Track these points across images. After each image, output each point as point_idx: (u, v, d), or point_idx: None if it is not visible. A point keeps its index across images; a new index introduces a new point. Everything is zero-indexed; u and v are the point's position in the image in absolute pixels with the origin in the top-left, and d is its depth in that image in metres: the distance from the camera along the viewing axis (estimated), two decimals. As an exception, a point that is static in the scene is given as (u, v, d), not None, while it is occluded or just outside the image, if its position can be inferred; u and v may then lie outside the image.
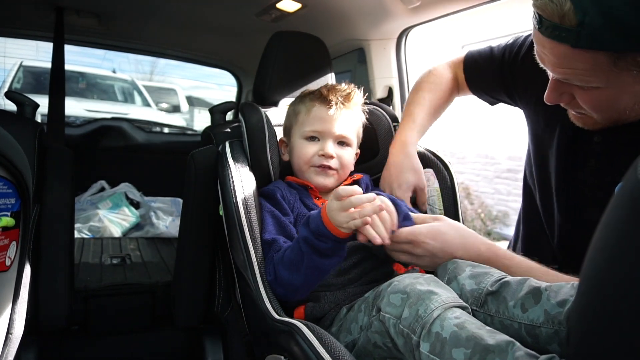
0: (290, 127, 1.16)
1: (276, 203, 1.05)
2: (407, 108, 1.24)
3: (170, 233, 2.26)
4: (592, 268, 0.39)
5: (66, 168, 1.37)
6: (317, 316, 0.93)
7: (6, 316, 0.64)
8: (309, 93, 1.15)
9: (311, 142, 1.10)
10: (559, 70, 0.76)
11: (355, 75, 2.00)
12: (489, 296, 0.79)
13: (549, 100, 0.83)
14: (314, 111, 1.10)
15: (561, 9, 0.68)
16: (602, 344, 0.35)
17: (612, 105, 0.78)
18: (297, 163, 1.12)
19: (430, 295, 0.71)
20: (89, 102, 4.24)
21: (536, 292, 0.74)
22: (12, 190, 0.59)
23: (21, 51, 4.17)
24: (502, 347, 0.63)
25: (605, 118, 0.83)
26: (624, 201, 0.36)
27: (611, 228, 0.38)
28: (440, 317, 0.68)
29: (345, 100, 1.10)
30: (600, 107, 0.80)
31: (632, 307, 0.32)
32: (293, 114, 1.16)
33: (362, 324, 0.82)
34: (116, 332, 1.54)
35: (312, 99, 1.12)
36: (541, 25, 0.73)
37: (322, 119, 1.09)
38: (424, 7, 1.43)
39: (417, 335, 0.69)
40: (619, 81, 0.73)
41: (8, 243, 0.59)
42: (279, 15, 1.74)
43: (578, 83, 0.77)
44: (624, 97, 0.76)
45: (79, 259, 1.79)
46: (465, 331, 0.66)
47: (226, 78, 2.81)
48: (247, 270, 0.96)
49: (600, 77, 0.73)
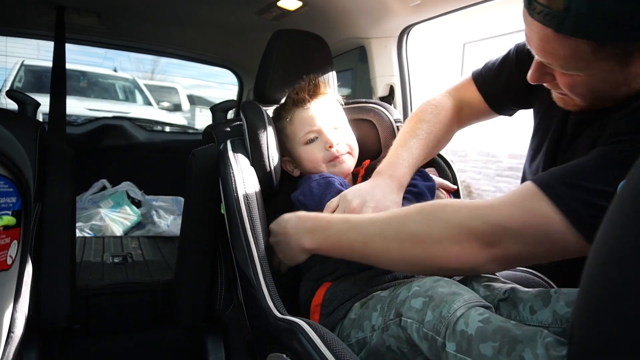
0: (285, 144, 1.17)
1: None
2: (402, 137, 1.11)
3: (171, 232, 2.26)
4: (595, 266, 0.38)
5: (67, 167, 1.37)
6: (334, 305, 0.94)
7: (7, 315, 0.64)
8: (282, 106, 1.18)
9: (312, 143, 1.12)
10: (542, 53, 0.78)
11: (357, 74, 2.00)
12: (501, 302, 0.80)
13: (532, 80, 0.85)
14: (296, 117, 1.13)
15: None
16: (605, 342, 0.35)
17: (588, 91, 0.81)
18: (312, 167, 1.13)
19: (454, 297, 0.70)
20: (90, 101, 4.24)
21: (545, 296, 0.75)
22: (13, 189, 0.59)
23: (22, 50, 4.18)
24: (530, 336, 0.62)
25: (583, 101, 0.85)
26: (627, 199, 0.36)
27: (614, 226, 0.37)
28: (464, 315, 0.67)
29: (314, 91, 1.13)
30: (577, 91, 0.82)
31: (636, 306, 0.32)
32: (280, 133, 1.17)
33: (375, 323, 0.82)
34: (117, 331, 1.55)
35: (288, 109, 1.15)
36: (530, 6, 0.73)
37: (307, 118, 1.11)
38: (425, 5, 1.43)
39: (441, 337, 0.67)
40: (597, 70, 0.74)
41: (9, 242, 0.59)
42: (280, 14, 1.74)
43: (558, 68, 0.79)
44: (599, 84, 0.78)
45: (80, 258, 1.79)
46: (490, 325, 0.64)
47: (227, 77, 2.81)
48: (249, 269, 0.95)
49: (579, 64, 0.74)
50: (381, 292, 0.87)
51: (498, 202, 0.76)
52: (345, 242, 0.88)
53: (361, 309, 0.88)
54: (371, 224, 0.85)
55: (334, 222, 0.90)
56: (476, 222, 0.75)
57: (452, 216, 0.77)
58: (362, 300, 0.90)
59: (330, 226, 0.90)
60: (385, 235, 0.82)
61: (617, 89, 0.78)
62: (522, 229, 0.72)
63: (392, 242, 0.81)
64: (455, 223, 0.76)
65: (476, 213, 0.75)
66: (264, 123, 1.14)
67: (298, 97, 1.12)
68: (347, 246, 0.88)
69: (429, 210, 0.80)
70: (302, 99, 1.12)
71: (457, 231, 0.76)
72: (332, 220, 0.91)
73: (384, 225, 0.83)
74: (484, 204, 0.76)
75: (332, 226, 0.90)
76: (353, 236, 0.86)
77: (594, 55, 0.71)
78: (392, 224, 0.82)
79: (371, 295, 0.90)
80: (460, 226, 0.76)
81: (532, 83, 0.86)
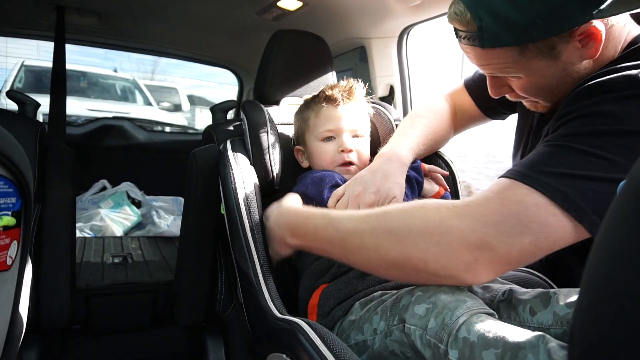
0: (303, 134, 1.17)
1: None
2: (401, 128, 1.14)
3: (171, 232, 2.27)
4: (596, 267, 0.38)
5: (67, 167, 1.37)
6: (331, 305, 0.93)
7: (8, 315, 0.64)
8: (313, 97, 1.18)
9: (328, 142, 1.13)
10: (483, 67, 0.85)
11: (357, 74, 2.00)
12: (500, 303, 0.80)
13: (494, 95, 0.91)
14: (323, 112, 1.13)
15: (464, 18, 0.77)
16: (606, 343, 0.35)
17: (539, 89, 0.85)
18: (320, 165, 1.14)
19: (457, 304, 0.69)
20: (91, 101, 4.24)
21: (545, 297, 0.74)
22: (12, 189, 0.59)
23: (22, 51, 4.18)
24: (532, 342, 0.61)
25: (545, 100, 0.89)
26: (628, 199, 0.36)
27: (614, 226, 0.37)
28: (467, 322, 0.66)
29: (349, 94, 1.14)
30: (531, 92, 0.87)
31: (637, 309, 0.32)
32: (302, 121, 1.17)
33: (376, 327, 0.81)
34: (118, 331, 1.55)
35: (318, 102, 1.15)
36: (457, 35, 0.82)
37: (333, 117, 1.11)
38: (424, 5, 1.43)
39: (444, 344, 0.67)
40: (533, 68, 0.80)
41: (9, 242, 0.59)
42: (280, 14, 1.74)
43: (501, 75, 0.85)
44: (544, 81, 0.82)
45: (80, 258, 1.80)
46: (492, 332, 0.64)
47: (227, 77, 2.81)
48: (249, 269, 0.96)
49: (517, 67, 0.80)
50: (383, 295, 0.86)
51: (474, 199, 0.72)
52: (323, 237, 0.84)
53: (362, 310, 0.88)
54: (350, 220, 0.81)
55: (313, 217, 0.87)
56: (456, 220, 0.70)
57: (432, 214, 0.72)
58: (363, 301, 0.90)
59: (308, 222, 0.87)
60: (362, 231, 0.78)
61: (563, 81, 0.82)
62: (504, 220, 0.68)
63: (368, 238, 0.77)
64: (435, 221, 0.72)
65: (455, 211, 0.71)
66: (265, 122, 1.14)
67: (331, 94, 1.13)
68: (326, 242, 0.84)
69: (408, 208, 0.77)
70: (334, 97, 1.12)
71: (436, 230, 0.71)
72: (311, 216, 0.88)
73: (361, 221, 0.80)
74: (462, 202, 0.72)
75: (310, 222, 0.87)
76: (331, 232, 0.83)
77: (523, 57, 0.77)
78: (369, 221, 0.79)
79: (371, 296, 0.89)
80: (440, 225, 0.71)
81: (495, 97, 0.92)
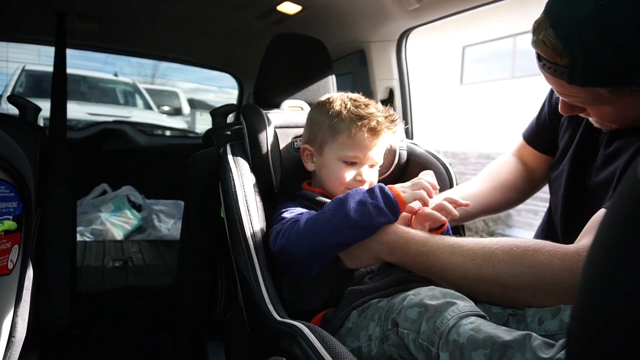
0: (324, 143, 1.09)
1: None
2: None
3: (172, 236, 2.27)
4: (592, 268, 0.39)
5: (68, 171, 1.37)
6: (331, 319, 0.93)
7: (8, 319, 0.64)
8: (354, 115, 1.06)
9: (349, 166, 1.07)
10: (563, 95, 0.83)
11: (356, 77, 2.01)
12: (510, 316, 0.81)
13: (564, 112, 0.89)
14: (359, 138, 1.05)
15: (555, 51, 0.74)
16: (602, 343, 0.35)
17: (619, 119, 0.84)
18: (332, 183, 1.08)
19: (447, 306, 0.71)
20: (91, 106, 4.25)
21: (555, 307, 0.75)
22: (13, 193, 0.59)
23: (23, 56, 4.19)
24: (519, 341, 0.63)
25: (620, 125, 0.88)
26: (624, 201, 0.36)
27: (610, 228, 0.38)
28: (457, 325, 0.68)
29: (390, 126, 1.07)
30: (609, 120, 0.85)
31: (632, 308, 0.32)
32: (330, 130, 1.07)
33: (371, 333, 0.82)
34: (118, 336, 1.55)
35: (360, 127, 1.04)
36: (540, 62, 0.79)
37: (366, 147, 1.05)
38: (423, 9, 1.44)
39: (435, 347, 0.69)
40: (621, 103, 0.78)
41: (10, 246, 0.59)
42: (280, 18, 1.75)
43: (582, 105, 0.83)
44: (628, 113, 0.81)
45: (81, 262, 1.80)
46: (481, 333, 0.66)
47: (227, 81, 2.82)
48: (249, 272, 0.96)
49: (602, 102, 0.78)
50: (379, 302, 0.87)
51: (586, 245, 0.73)
52: (423, 265, 0.87)
53: (359, 318, 0.88)
54: (453, 253, 0.83)
55: (412, 243, 0.88)
56: (567, 274, 0.73)
57: (542, 267, 0.75)
58: (360, 309, 0.90)
59: (408, 246, 0.88)
60: (466, 269, 0.81)
61: None
62: None
63: (473, 279, 0.80)
64: (546, 274, 0.74)
65: (568, 265, 0.73)
66: (265, 126, 1.14)
67: (375, 127, 1.04)
68: (425, 269, 0.87)
69: (518, 255, 0.77)
70: (378, 130, 1.05)
71: (547, 283, 0.74)
72: (410, 240, 0.88)
73: (466, 258, 0.81)
74: (574, 253, 0.74)
75: (410, 246, 0.88)
76: (432, 261, 0.85)
77: (612, 95, 0.74)
78: (475, 260, 0.80)
79: (368, 303, 0.90)
80: (550, 277, 0.74)
81: (565, 115, 0.90)
